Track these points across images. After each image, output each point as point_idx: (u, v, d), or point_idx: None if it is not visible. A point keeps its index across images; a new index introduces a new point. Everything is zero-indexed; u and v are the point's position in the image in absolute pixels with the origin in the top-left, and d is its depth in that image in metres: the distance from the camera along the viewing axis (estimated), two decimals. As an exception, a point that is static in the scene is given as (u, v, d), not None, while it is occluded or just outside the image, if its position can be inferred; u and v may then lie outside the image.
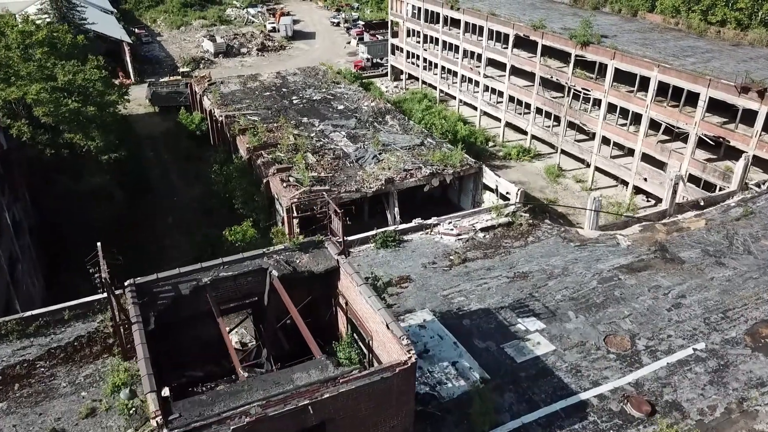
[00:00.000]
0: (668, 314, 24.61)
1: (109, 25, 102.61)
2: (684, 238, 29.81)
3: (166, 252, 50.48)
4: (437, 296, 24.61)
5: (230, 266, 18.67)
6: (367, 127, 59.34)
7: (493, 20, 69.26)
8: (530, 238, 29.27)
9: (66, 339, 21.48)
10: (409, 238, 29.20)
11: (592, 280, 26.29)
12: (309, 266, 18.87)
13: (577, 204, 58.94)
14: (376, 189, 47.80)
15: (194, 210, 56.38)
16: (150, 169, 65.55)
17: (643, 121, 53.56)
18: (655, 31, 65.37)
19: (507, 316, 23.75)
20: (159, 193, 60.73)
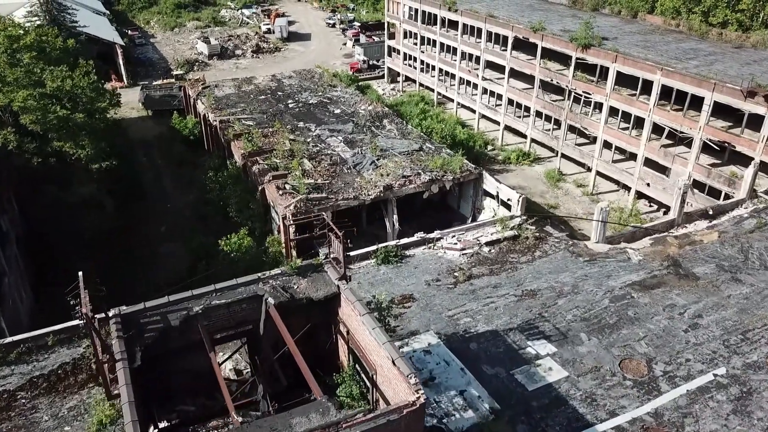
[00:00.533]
0: (685, 336, 23.49)
1: (101, 26, 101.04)
2: (697, 252, 28.75)
3: (159, 261, 49.20)
4: (442, 317, 23.44)
5: (223, 293, 17.48)
6: (365, 132, 58.15)
7: (492, 22, 68.17)
8: (537, 253, 28.16)
9: (49, 366, 20.23)
10: (411, 253, 28.02)
11: (603, 299, 25.18)
12: (307, 292, 17.70)
13: (579, 209, 57.94)
14: (375, 196, 46.61)
15: (188, 217, 55.07)
16: (143, 174, 64.19)
17: (646, 125, 52.55)
18: (656, 33, 64.40)
19: (516, 338, 22.61)
20: (152, 199, 59.39)
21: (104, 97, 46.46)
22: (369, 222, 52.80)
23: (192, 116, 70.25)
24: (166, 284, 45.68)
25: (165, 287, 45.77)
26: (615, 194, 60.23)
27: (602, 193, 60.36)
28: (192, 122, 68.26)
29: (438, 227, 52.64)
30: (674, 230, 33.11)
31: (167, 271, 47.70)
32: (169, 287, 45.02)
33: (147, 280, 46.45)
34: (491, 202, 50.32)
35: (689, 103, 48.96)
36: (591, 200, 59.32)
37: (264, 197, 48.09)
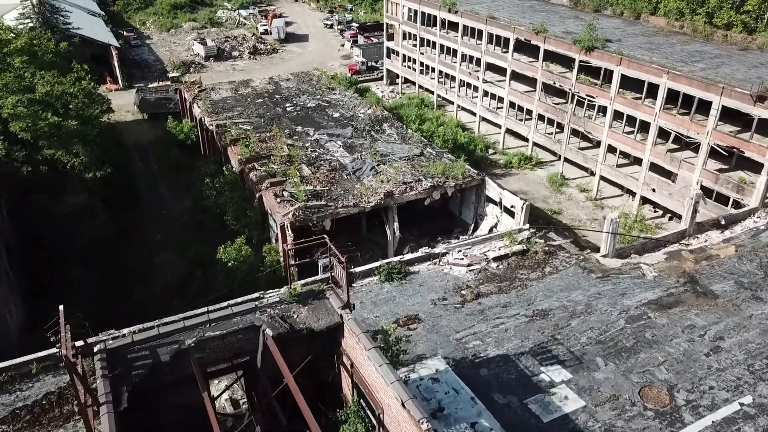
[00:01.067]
0: (707, 360, 22.31)
1: (96, 28, 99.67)
2: (714, 268, 27.62)
3: (155, 270, 47.97)
4: (450, 340, 22.25)
5: (217, 324, 16.29)
6: (364, 137, 56.98)
7: (493, 24, 67.02)
8: (547, 269, 26.98)
9: (33, 396, 19.01)
10: (415, 270, 26.82)
11: (619, 319, 24.00)
12: (308, 322, 16.53)
13: (582, 215, 56.83)
14: (375, 204, 45.45)
15: (184, 224, 53.81)
16: (138, 180, 62.91)
17: (652, 129, 51.45)
18: (660, 34, 63.30)
19: (528, 363, 21.43)
20: (147, 206, 58.12)
21: (97, 104, 45.15)
22: (369, 229, 51.69)
23: (188, 120, 68.98)
24: (163, 294, 44.67)
25: (161, 297, 44.68)
26: (619, 199, 59.16)
27: (606, 198, 59.29)
28: (188, 126, 66.97)
29: (439, 234, 51.85)
30: (686, 240, 32.02)
31: (163, 281, 46.52)
32: (165, 297, 43.95)
33: (143, 289, 45.27)
34: (494, 208, 49.20)
35: (696, 107, 47.85)
36: (595, 205, 58.26)
37: (261, 205, 46.89)
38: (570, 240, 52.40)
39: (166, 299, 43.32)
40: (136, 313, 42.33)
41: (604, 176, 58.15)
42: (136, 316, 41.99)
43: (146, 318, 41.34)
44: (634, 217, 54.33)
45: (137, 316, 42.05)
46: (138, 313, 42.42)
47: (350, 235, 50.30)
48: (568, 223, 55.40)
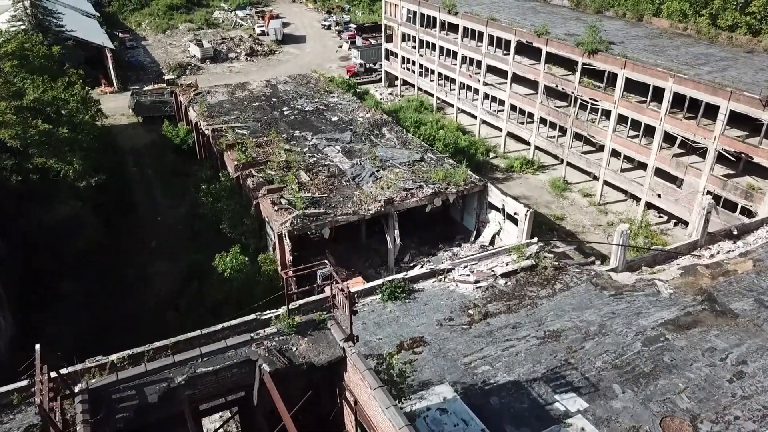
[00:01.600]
0: (730, 387, 21.13)
1: (90, 30, 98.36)
2: (732, 284, 26.51)
3: (149, 279, 46.75)
4: (457, 365, 21.05)
5: (210, 358, 15.09)
6: (363, 141, 55.82)
7: (494, 25, 65.89)
8: (557, 285, 25.84)
9: (14, 429, 17.80)
10: (420, 287, 25.65)
11: (635, 341, 22.83)
12: (308, 356, 15.34)
13: (586, 220, 55.74)
14: (375, 211, 44.29)
15: (179, 232, 52.62)
16: (133, 186, 61.66)
17: (657, 134, 50.37)
18: (664, 36, 62.24)
19: (541, 391, 20.26)
20: (142, 212, 56.91)
21: (89, 109, 43.88)
22: (368, 235, 50.53)
23: (184, 124, 67.73)
24: (157, 305, 43.47)
25: (155, 308, 43.48)
26: (623, 204, 58.11)
27: (610, 203, 58.22)
28: (184, 130, 65.73)
29: (440, 241, 50.72)
30: (697, 252, 30.94)
31: (158, 291, 45.32)
32: (160, 308, 42.74)
33: (137, 300, 44.06)
34: (496, 215, 48.10)
35: (703, 112, 46.77)
36: (598, 211, 57.19)
37: (259, 212, 45.74)
38: (574, 247, 51.50)
39: (161, 310, 42.15)
40: (130, 326, 41.30)
41: (607, 181, 57.03)
42: (129, 329, 40.94)
43: (140, 330, 40.32)
44: (639, 223, 53.26)
45: (130, 329, 41.01)
46: (131, 325, 41.37)
47: (349, 242, 49.28)
48: (571, 230, 54.34)
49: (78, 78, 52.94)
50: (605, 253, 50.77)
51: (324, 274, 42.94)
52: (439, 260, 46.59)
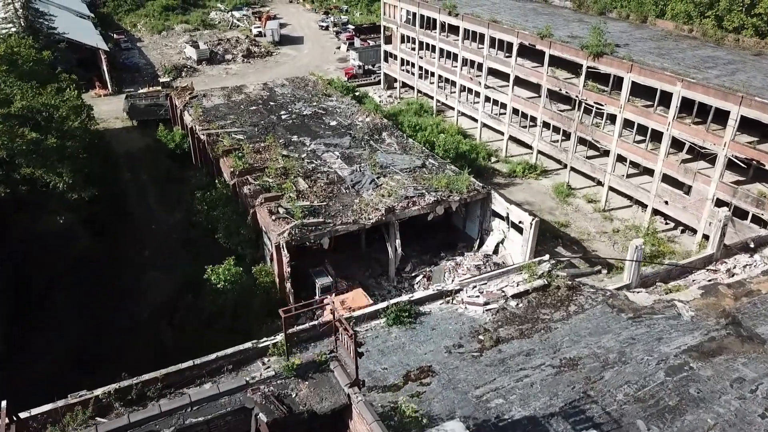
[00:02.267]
0: (763, 423, 19.59)
1: (84, 31, 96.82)
2: (757, 306, 25.15)
3: (143, 291, 45.38)
4: (468, 398, 19.63)
5: (201, 407, 13.73)
6: (363, 146, 54.52)
7: (495, 27, 64.59)
8: (572, 307, 24.46)
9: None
10: (426, 310, 24.21)
11: (658, 371, 21.44)
12: (309, 403, 13.99)
13: (591, 227, 54.49)
14: (376, 220, 42.98)
15: (174, 240, 51.22)
16: (127, 192, 60.23)
17: (664, 139, 49.14)
18: (669, 39, 61.03)
19: (560, 427, 18.79)
20: (136, 219, 55.50)
21: (80, 116, 42.43)
22: (368, 243, 49.24)
23: (179, 128, 66.29)
24: (150, 318, 42.09)
25: (149, 321, 42.10)
26: (628, 210, 56.89)
27: (615, 209, 56.99)
28: (179, 135, 64.29)
29: (442, 249, 49.42)
30: (713, 266, 29.69)
31: (152, 302, 43.96)
32: (153, 321, 41.36)
33: (130, 312, 42.69)
34: (500, 223, 46.87)
35: (712, 117, 45.56)
36: (603, 217, 55.95)
37: (255, 221, 44.39)
38: (579, 255, 50.28)
39: (155, 323, 40.82)
40: (122, 339, 39.91)
41: (613, 187, 55.77)
42: (121, 343, 39.56)
43: (133, 344, 38.94)
44: (646, 230, 52.04)
45: (123, 342, 39.63)
46: (124, 338, 39.99)
47: (349, 250, 47.94)
48: (576, 237, 53.09)
49: (70, 82, 51.42)
50: (611, 260, 49.62)
51: (323, 285, 41.68)
52: (441, 270, 45.34)
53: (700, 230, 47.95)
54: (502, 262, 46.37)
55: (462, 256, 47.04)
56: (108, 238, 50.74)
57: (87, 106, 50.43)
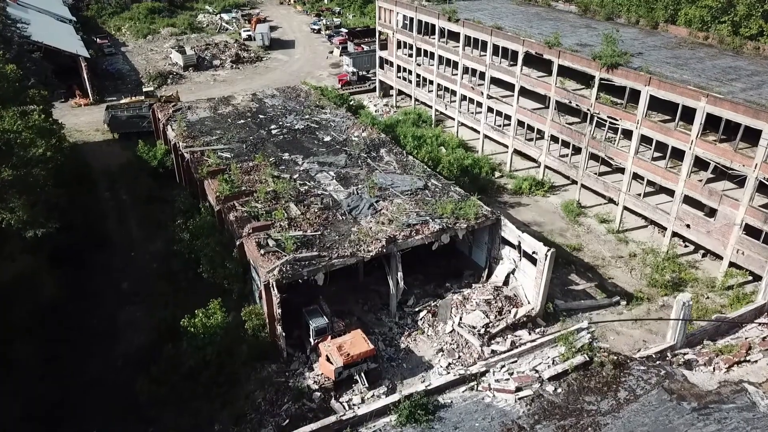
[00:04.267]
0: None
1: (64, 36, 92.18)
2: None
3: (118, 331, 41.12)
4: None
5: None
6: (360, 165, 50.52)
7: (499, 35, 60.65)
8: (621, 392, 20.45)
9: None
10: (447, 401, 20.12)
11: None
12: None
13: (605, 251, 50.67)
14: (376, 252, 38.95)
15: (154, 271, 46.94)
16: (105, 213, 55.89)
17: (686, 158, 45.37)
18: (684, 46, 57.30)
19: None
20: (114, 246, 51.20)
21: (47, 139, 38.10)
22: (366, 271, 45.21)
23: (162, 143, 61.97)
24: (125, 365, 37.84)
25: (123, 370, 37.82)
26: (644, 231, 53.16)
27: (630, 230, 53.23)
28: (162, 150, 59.97)
29: (447, 278, 45.43)
30: (765, 318, 25.98)
31: (128, 346, 39.74)
32: (128, 370, 37.07)
33: (103, 358, 38.48)
34: (511, 251, 42.96)
35: (741, 135, 41.84)
36: (618, 239, 52.17)
37: (243, 254, 40.22)
38: (595, 284, 46.46)
39: (130, 373, 36.61)
40: (93, 393, 35.67)
41: (628, 207, 51.96)
42: (91, 398, 35.31)
43: (105, 399, 34.70)
44: (665, 254, 48.29)
45: (93, 397, 35.39)
46: (95, 392, 35.75)
47: (345, 280, 43.84)
48: (590, 262, 49.28)
49: (39, 99, 47.05)
50: (629, 288, 45.89)
51: (318, 328, 37.64)
52: (448, 305, 41.39)
53: (727, 257, 44.26)
54: (513, 295, 42.52)
55: (470, 288, 43.12)
56: (81, 269, 46.55)
57: (57, 127, 46.00)
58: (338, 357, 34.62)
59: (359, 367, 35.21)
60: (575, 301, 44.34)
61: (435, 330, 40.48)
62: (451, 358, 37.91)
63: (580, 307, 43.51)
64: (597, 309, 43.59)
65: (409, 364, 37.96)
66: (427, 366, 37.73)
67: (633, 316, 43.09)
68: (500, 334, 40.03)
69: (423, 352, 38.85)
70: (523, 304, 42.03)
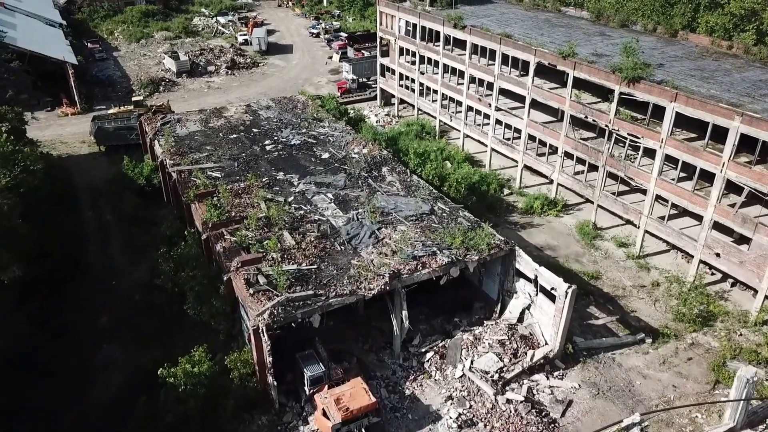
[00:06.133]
0: None
1: (51, 42, 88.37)
2: None
3: (93, 377, 37.14)
4: None
5: None
6: (360, 185, 46.75)
7: (509, 44, 56.81)
8: None
9: None
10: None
11: None
12: None
13: (626, 279, 46.91)
14: (378, 290, 35.12)
15: (137, 303, 43.07)
16: (87, 236, 52.08)
17: (717, 182, 41.57)
18: (707, 57, 53.49)
19: None
20: (95, 273, 47.40)
21: (11, 168, 34.30)
22: (367, 304, 41.22)
23: (150, 158, 58.19)
24: (101, 417, 34.05)
25: (98, 421, 34.02)
26: (667, 257, 49.42)
27: (650, 254, 49.47)
28: (149, 167, 56.18)
29: (456, 311, 41.57)
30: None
31: (104, 392, 35.92)
32: (104, 422, 33.22)
33: (76, 408, 34.67)
34: (526, 284, 39.18)
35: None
36: (638, 266, 48.41)
37: (231, 290, 36.39)
38: (616, 317, 42.65)
39: (105, 425, 32.86)
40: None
41: (650, 231, 48.16)
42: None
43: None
44: (691, 284, 44.52)
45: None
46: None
47: (344, 315, 39.95)
48: (609, 292, 45.49)
49: (13, 115, 43.26)
50: (654, 323, 42.10)
51: (313, 377, 33.80)
52: (457, 346, 37.60)
53: (762, 291, 40.48)
54: (529, 334, 38.73)
55: (481, 326, 39.35)
56: (57, 300, 42.75)
57: (29, 150, 42.17)
58: (336, 412, 30.85)
59: (359, 422, 31.45)
60: (595, 338, 40.57)
61: (443, 374, 36.74)
62: (462, 408, 34.19)
63: (601, 345, 39.74)
64: (620, 348, 39.80)
65: (415, 415, 34.21)
66: (435, 417, 33.99)
67: (659, 355, 39.33)
68: (515, 379, 36.28)
69: (430, 400, 35.10)
70: (540, 343, 38.28)
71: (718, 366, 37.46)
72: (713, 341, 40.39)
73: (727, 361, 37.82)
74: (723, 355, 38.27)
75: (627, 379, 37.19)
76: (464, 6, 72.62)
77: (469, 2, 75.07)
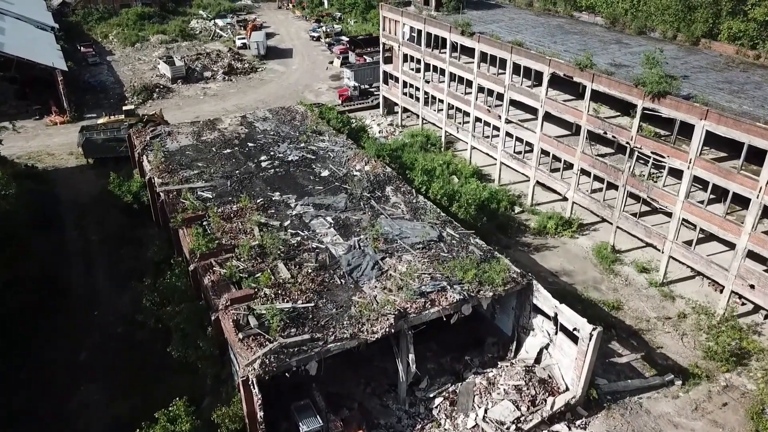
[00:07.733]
0: None
1: (41, 46, 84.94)
2: None
3: (70, 419, 33.84)
4: None
5: None
6: (362, 208, 43.20)
7: (521, 53, 53.25)
8: None
9: None
10: None
11: None
12: None
13: (649, 309, 43.49)
14: (382, 333, 31.60)
15: (119, 337, 39.63)
16: (68, 259, 48.63)
17: (753, 208, 37.98)
18: (734, 68, 49.91)
19: None
20: (77, 301, 43.93)
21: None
22: (369, 342, 37.75)
23: (138, 173, 54.75)
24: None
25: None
26: (692, 283, 45.90)
27: (674, 281, 45.93)
28: (138, 183, 52.75)
29: (467, 348, 38.01)
30: None
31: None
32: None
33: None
34: (544, 321, 35.64)
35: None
36: (662, 294, 44.86)
37: (219, 330, 32.87)
38: (641, 354, 39.14)
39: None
40: None
41: (674, 256, 44.60)
42: None
43: None
44: (721, 317, 41.00)
45: None
46: None
47: (344, 355, 36.44)
48: (632, 325, 41.94)
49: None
50: (683, 361, 38.56)
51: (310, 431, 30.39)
52: (469, 392, 34.10)
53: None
54: (548, 376, 35.19)
55: (495, 368, 35.83)
56: (33, 334, 39.34)
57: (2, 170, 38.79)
58: (336, 477, 27.36)
59: (362, 485, 27.99)
60: (620, 379, 37.05)
61: (454, 423, 33.22)
62: (475, 464, 30.69)
63: (627, 388, 36.20)
64: (647, 391, 36.27)
65: (423, 472, 30.72)
66: (445, 475, 30.53)
67: (691, 400, 35.81)
68: (534, 430, 32.79)
69: (440, 454, 31.62)
70: (560, 387, 34.76)
71: (757, 414, 33.95)
72: (749, 383, 36.88)
73: (766, 408, 34.32)
74: (761, 401, 34.78)
75: (657, 429, 33.68)
76: (471, 11, 69.17)
77: (476, 6, 71.61)
